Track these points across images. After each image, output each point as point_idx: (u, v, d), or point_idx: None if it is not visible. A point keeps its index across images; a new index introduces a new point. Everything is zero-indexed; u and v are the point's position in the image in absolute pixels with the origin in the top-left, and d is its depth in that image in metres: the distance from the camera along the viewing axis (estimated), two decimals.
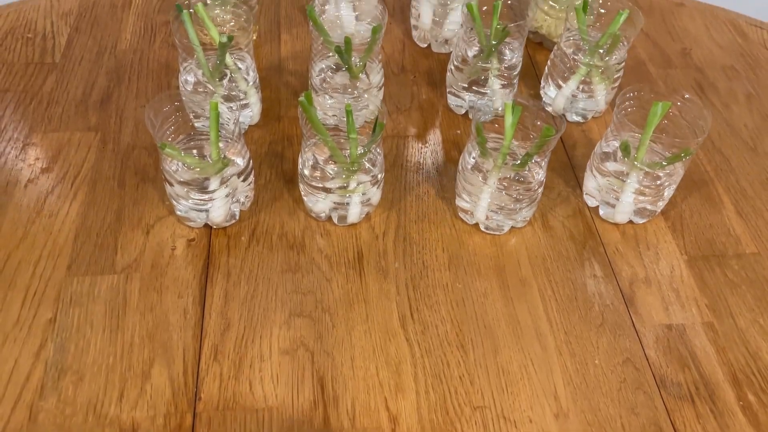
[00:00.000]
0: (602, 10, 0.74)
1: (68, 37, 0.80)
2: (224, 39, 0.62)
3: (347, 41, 0.65)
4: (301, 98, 0.56)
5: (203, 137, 0.63)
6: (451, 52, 0.80)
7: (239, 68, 0.68)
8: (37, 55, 0.77)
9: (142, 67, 0.77)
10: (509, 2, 0.72)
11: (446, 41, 0.82)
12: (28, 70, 0.76)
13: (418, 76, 0.80)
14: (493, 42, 0.68)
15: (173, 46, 0.80)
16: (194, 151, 0.63)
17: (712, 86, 0.81)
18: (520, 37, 0.70)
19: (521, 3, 0.72)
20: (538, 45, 0.85)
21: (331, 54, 0.68)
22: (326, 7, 0.80)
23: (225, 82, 0.68)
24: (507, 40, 0.69)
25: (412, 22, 0.84)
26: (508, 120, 0.60)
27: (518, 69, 0.72)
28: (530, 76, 0.81)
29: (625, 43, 0.70)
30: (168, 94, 0.58)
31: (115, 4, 0.85)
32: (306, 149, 0.61)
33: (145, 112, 0.56)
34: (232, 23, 0.75)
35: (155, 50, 0.79)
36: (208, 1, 0.75)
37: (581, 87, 0.72)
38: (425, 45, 0.84)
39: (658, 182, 0.62)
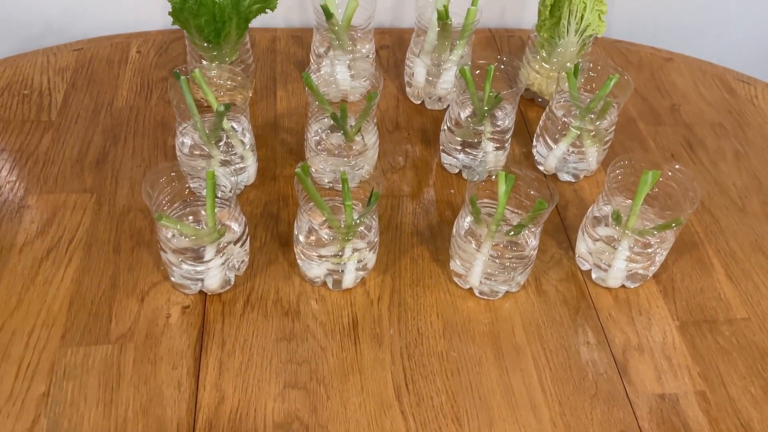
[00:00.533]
0: (592, 74, 0.75)
1: (65, 94, 0.80)
2: (222, 108, 0.63)
3: (343, 109, 0.66)
4: (298, 170, 0.57)
5: (199, 203, 0.63)
6: (444, 109, 0.82)
7: (236, 131, 0.69)
8: (34, 112, 0.78)
9: (138, 125, 0.78)
10: (502, 66, 0.73)
11: (440, 99, 0.83)
12: (24, 128, 0.76)
13: (412, 133, 0.81)
14: (486, 107, 0.69)
15: (169, 103, 0.81)
16: (190, 217, 0.63)
17: (701, 144, 0.82)
18: (512, 101, 0.71)
19: (514, 67, 0.73)
20: (530, 101, 0.87)
21: (326, 116, 0.69)
22: (322, 66, 0.81)
23: (222, 144, 0.69)
24: (502, 104, 0.70)
25: (406, 79, 0.85)
26: (501, 188, 0.60)
27: (510, 131, 0.73)
28: (522, 133, 0.82)
29: (615, 107, 0.71)
30: (165, 166, 0.58)
31: (111, 60, 0.86)
32: (301, 214, 0.62)
33: (142, 185, 0.56)
34: (229, 83, 0.76)
35: (151, 107, 0.80)
36: (204, 62, 0.76)
37: (572, 148, 0.73)
38: (419, 102, 0.85)
39: (649, 249, 0.63)
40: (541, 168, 0.77)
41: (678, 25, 1.04)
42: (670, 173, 0.63)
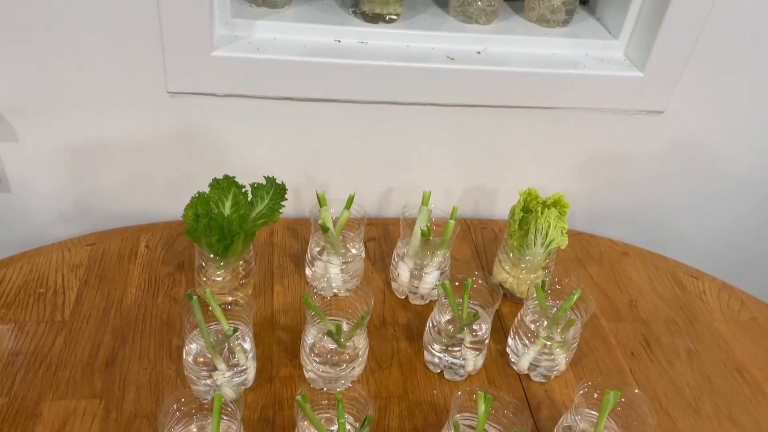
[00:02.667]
0: (558, 286, 0.85)
1: (77, 292, 0.87)
2: (230, 331, 0.70)
3: (338, 328, 0.73)
4: (298, 398, 0.63)
5: (205, 410, 0.69)
6: (427, 304, 0.91)
7: (239, 344, 0.76)
8: (48, 312, 0.84)
9: (146, 324, 0.84)
10: (480, 281, 0.82)
11: (422, 297, 0.92)
12: (38, 329, 0.82)
13: (398, 329, 0.89)
14: (465, 322, 0.77)
15: (174, 300, 0.88)
16: (194, 430, 0.69)
17: (657, 341, 0.91)
18: (488, 320, 0.80)
19: (490, 284, 0.82)
20: (504, 296, 0.96)
21: (320, 321, 0.76)
22: (316, 266, 0.90)
23: (225, 352, 0.75)
24: (478, 322, 0.79)
25: (392, 276, 0.94)
26: (481, 408, 0.67)
27: (488, 338, 0.81)
28: (497, 330, 0.90)
29: (579, 322, 0.80)
30: (175, 396, 0.64)
31: (122, 255, 0.94)
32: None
33: (158, 416, 0.62)
34: (229, 280, 0.85)
35: (158, 305, 0.87)
36: (204, 264, 0.84)
37: (543, 351, 0.81)
38: (404, 297, 0.94)
39: None
40: (515, 367, 0.85)
41: (632, 218, 1.17)
42: (623, 401, 0.71)
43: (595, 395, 0.72)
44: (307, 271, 0.93)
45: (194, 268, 0.87)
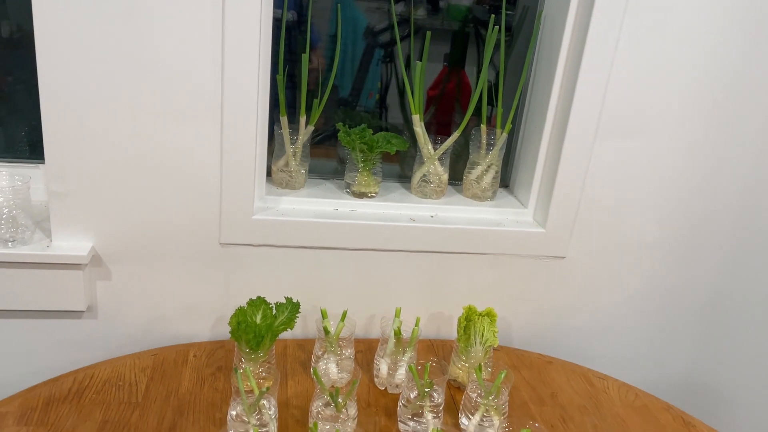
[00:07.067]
0: (489, 369, 1.20)
1: (146, 385, 1.20)
2: (264, 389, 1.04)
3: (337, 391, 1.07)
4: (311, 427, 0.96)
5: None
6: (400, 393, 1.24)
7: (266, 405, 1.08)
8: (125, 396, 1.16)
9: (196, 405, 1.16)
10: (435, 363, 1.17)
11: (396, 386, 1.25)
12: (120, 407, 1.13)
13: (379, 409, 1.21)
14: (426, 390, 1.11)
15: (215, 390, 1.20)
16: None
17: (571, 419, 1.24)
18: (441, 386, 1.14)
19: (442, 365, 1.17)
20: (456, 389, 1.29)
21: (326, 395, 1.09)
22: (320, 364, 1.24)
23: (256, 415, 1.07)
24: (434, 387, 1.12)
25: (374, 372, 1.28)
26: None
27: (442, 405, 1.14)
28: (451, 410, 1.22)
29: (506, 392, 1.14)
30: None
31: (177, 361, 1.28)
32: None
33: None
34: (262, 373, 1.18)
35: (204, 393, 1.20)
36: (242, 367, 1.18)
37: (484, 418, 1.14)
38: (383, 388, 1.27)
39: None
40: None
41: (555, 339, 1.54)
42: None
43: None
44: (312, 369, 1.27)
45: (231, 370, 1.21)
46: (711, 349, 1.60)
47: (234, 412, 1.07)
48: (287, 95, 1.36)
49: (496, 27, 1.34)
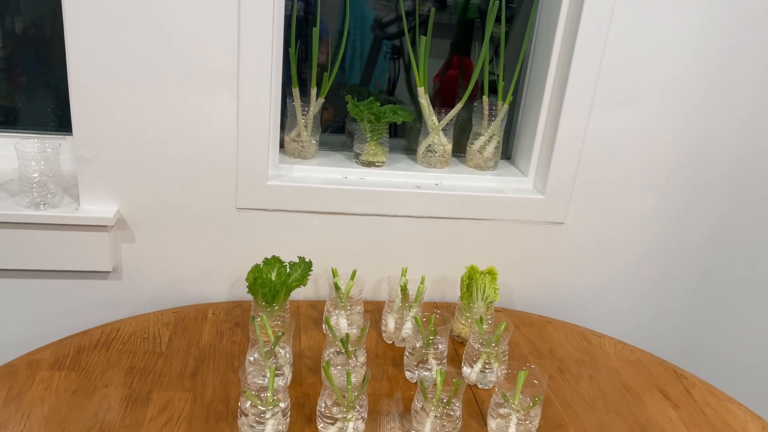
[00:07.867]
0: (490, 321, 1.27)
1: (169, 337, 1.28)
2: (280, 333, 1.12)
3: (347, 337, 1.15)
4: (323, 364, 1.04)
5: None
6: (405, 347, 1.31)
7: (282, 352, 1.16)
8: (150, 347, 1.25)
9: (215, 354, 1.24)
10: (439, 315, 1.25)
11: (403, 339, 1.33)
12: (145, 356, 1.22)
13: (387, 360, 1.29)
14: (430, 338, 1.19)
15: (233, 342, 1.29)
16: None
17: (568, 370, 1.31)
18: (445, 334, 1.21)
19: (445, 318, 1.25)
20: (459, 343, 1.36)
21: (337, 343, 1.17)
22: (331, 318, 1.32)
23: (272, 359, 1.15)
24: (438, 337, 1.20)
25: (382, 328, 1.35)
26: (439, 379, 1.07)
27: (446, 353, 1.21)
28: (455, 361, 1.30)
29: (505, 341, 1.21)
30: (244, 367, 1.04)
31: (197, 317, 1.36)
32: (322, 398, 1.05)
33: (239, 372, 1.02)
34: (276, 324, 1.26)
35: (223, 345, 1.28)
36: (260, 315, 1.26)
37: (485, 366, 1.21)
38: (391, 342, 1.34)
39: None
40: (467, 382, 1.23)
41: (557, 297, 1.61)
42: (530, 367, 1.11)
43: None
44: (324, 326, 1.35)
45: (248, 326, 1.29)
46: (707, 312, 1.67)
47: (251, 358, 1.15)
48: (299, 69, 1.44)
49: (496, 1, 1.42)
